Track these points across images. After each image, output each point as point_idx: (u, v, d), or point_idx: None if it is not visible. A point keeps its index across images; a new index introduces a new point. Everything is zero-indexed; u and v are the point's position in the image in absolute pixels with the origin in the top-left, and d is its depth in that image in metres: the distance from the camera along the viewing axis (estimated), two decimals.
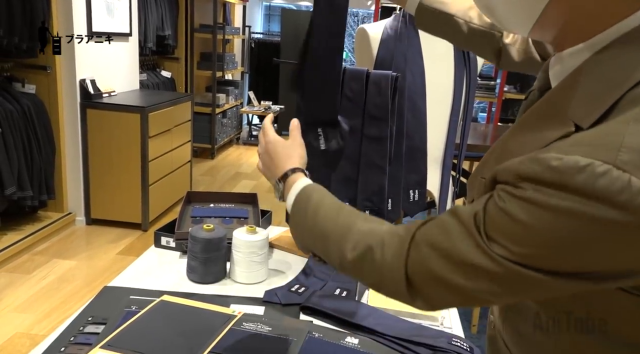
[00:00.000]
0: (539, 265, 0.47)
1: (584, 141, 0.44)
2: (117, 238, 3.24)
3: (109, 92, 3.45)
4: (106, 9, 3.42)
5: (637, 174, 0.41)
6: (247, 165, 5.34)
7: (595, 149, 0.42)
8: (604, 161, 0.41)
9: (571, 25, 0.51)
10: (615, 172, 0.41)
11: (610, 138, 0.43)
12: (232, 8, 6.29)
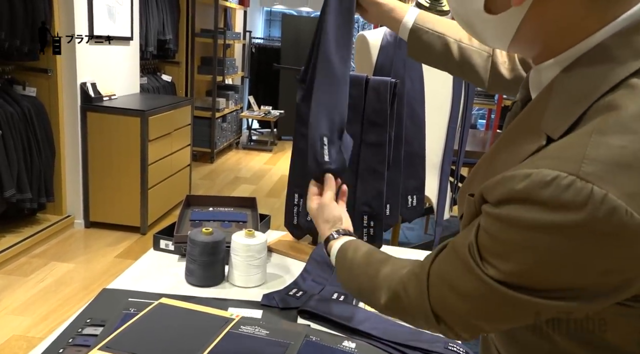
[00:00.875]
0: (527, 284, 0.48)
1: (552, 153, 0.46)
2: (116, 241, 3.24)
3: (110, 96, 3.46)
4: (107, 13, 3.44)
5: (599, 184, 0.42)
6: (247, 169, 5.34)
7: (560, 162, 0.44)
8: (568, 172, 0.43)
9: (545, 41, 0.53)
10: (579, 183, 0.43)
11: (574, 150, 0.45)
12: (233, 13, 6.32)
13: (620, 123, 0.44)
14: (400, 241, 3.56)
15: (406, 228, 3.74)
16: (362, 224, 1.28)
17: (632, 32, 0.47)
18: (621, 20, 0.48)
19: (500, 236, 0.48)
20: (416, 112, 1.47)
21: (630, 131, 0.43)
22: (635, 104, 0.44)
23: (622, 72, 0.46)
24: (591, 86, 0.47)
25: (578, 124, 0.47)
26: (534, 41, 0.54)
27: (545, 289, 0.48)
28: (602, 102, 0.46)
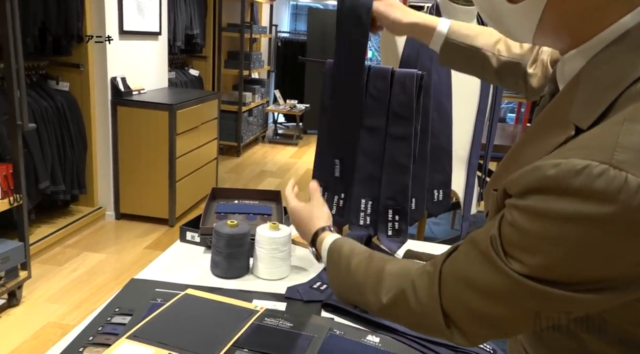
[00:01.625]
0: (556, 277, 0.46)
1: (582, 143, 0.45)
2: (145, 233, 3.31)
3: (139, 90, 3.52)
4: (137, 9, 3.49)
5: (633, 172, 0.41)
6: (272, 163, 5.38)
7: (591, 151, 0.43)
8: (600, 161, 0.42)
9: (569, 29, 0.52)
10: (612, 171, 0.41)
11: (605, 139, 0.43)
12: (260, 7, 6.34)
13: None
14: (426, 236, 3.52)
15: (432, 223, 3.70)
16: (387, 218, 1.27)
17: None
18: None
19: (526, 228, 0.47)
20: (443, 105, 1.44)
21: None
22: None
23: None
24: (620, 74, 0.46)
25: (608, 113, 0.45)
26: (558, 30, 0.53)
27: (576, 282, 0.46)
28: (633, 90, 0.44)
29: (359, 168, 1.32)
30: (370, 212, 1.33)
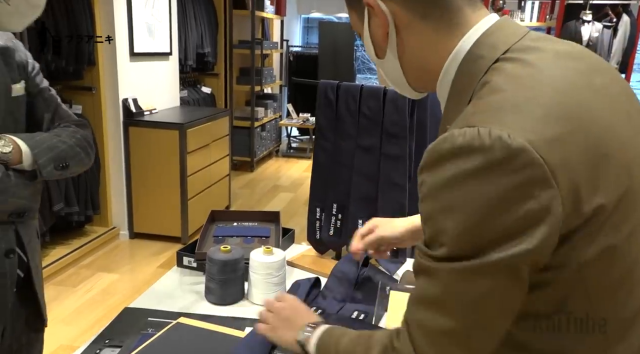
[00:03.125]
0: (469, 249, 0.52)
1: (450, 127, 0.55)
2: (159, 251, 3.34)
3: (150, 110, 3.58)
4: (147, 30, 3.56)
5: (483, 125, 0.51)
6: (286, 177, 5.38)
7: (454, 126, 0.54)
8: (459, 127, 0.53)
9: (428, 76, 0.65)
10: (468, 130, 0.52)
11: (463, 115, 0.55)
12: (271, 23, 6.41)
13: (491, 89, 0.55)
14: None
15: None
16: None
17: (485, 37, 0.61)
18: (471, 32, 0.62)
19: (425, 211, 0.55)
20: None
21: (498, 90, 0.55)
22: (499, 76, 0.56)
23: (486, 62, 0.59)
24: (470, 79, 0.59)
25: None
26: (419, 72, 0.66)
27: (490, 242, 0.51)
28: (478, 85, 0.58)
29: (355, 188, 1.31)
30: None
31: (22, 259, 1.10)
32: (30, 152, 1.04)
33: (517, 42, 0.60)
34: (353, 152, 1.29)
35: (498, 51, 0.59)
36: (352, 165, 1.30)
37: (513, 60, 0.58)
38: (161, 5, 3.70)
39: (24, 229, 1.10)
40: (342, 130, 1.28)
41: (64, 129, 1.14)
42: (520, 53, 0.59)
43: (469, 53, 0.61)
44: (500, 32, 0.62)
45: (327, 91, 1.27)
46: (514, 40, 0.60)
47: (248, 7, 5.27)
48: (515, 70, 0.56)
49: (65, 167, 1.11)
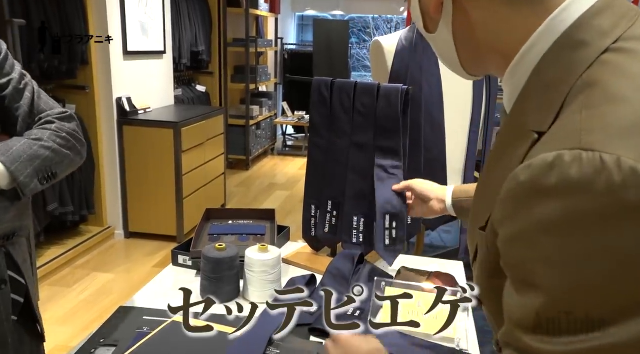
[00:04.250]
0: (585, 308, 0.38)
1: (547, 140, 0.43)
2: (154, 251, 3.33)
3: (145, 109, 3.56)
4: (141, 29, 3.54)
5: (606, 150, 0.38)
6: (282, 175, 5.38)
7: (558, 143, 0.41)
8: (569, 148, 0.39)
9: (493, 57, 0.53)
10: (584, 154, 0.38)
11: (568, 128, 0.42)
12: (265, 21, 6.39)
13: (606, 95, 0.42)
14: (435, 245, 3.48)
15: (443, 231, 3.65)
16: (384, 226, 1.24)
17: (590, 17, 0.47)
18: (566, 5, 0.48)
19: (526, 258, 0.41)
20: (435, 117, 1.42)
21: (620, 98, 0.41)
22: (614, 76, 0.43)
23: (592, 53, 0.45)
24: (565, 72, 0.46)
25: (562, 110, 0.44)
26: (480, 51, 0.54)
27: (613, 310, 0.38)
28: (579, 83, 0.44)
29: (350, 185, 1.31)
30: (362, 229, 1.31)
31: (19, 283, 0.98)
32: (5, 170, 0.88)
33: (631, 27, 0.46)
34: (347, 149, 1.29)
35: (608, 39, 0.45)
36: (346, 162, 1.30)
37: (628, 52, 0.44)
38: (155, 3, 3.68)
39: (17, 249, 0.98)
40: (337, 127, 1.28)
41: (45, 129, 0.97)
42: (636, 42, 0.45)
43: (564, 36, 0.47)
44: (611, 11, 0.47)
45: (321, 88, 1.27)
46: (627, 24, 0.46)
47: (242, 5, 5.25)
48: (635, 68, 0.43)
49: (52, 177, 0.97)
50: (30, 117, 0.99)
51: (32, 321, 1.05)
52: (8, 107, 0.97)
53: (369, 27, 11.00)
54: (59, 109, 1.04)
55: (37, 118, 0.99)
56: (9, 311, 0.96)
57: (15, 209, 0.95)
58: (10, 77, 0.97)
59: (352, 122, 1.26)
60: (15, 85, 0.97)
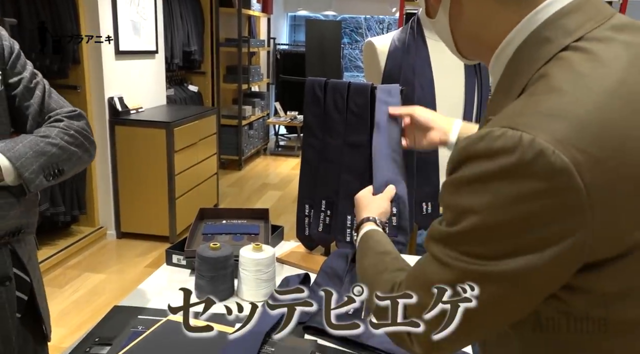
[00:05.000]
0: (486, 251, 0.48)
1: (494, 119, 0.50)
2: (146, 251, 3.31)
3: (137, 109, 3.55)
4: (132, 29, 3.53)
5: (528, 131, 0.45)
6: (274, 175, 5.38)
7: (497, 121, 0.48)
8: (501, 126, 0.47)
9: (478, 39, 0.59)
10: (509, 132, 0.46)
11: (508, 111, 0.49)
12: (257, 21, 6.39)
13: (549, 86, 0.48)
14: None
15: None
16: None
17: (559, 17, 0.52)
18: (544, 6, 0.53)
19: (445, 202, 0.52)
20: None
21: (560, 90, 0.47)
22: (561, 70, 0.49)
23: (552, 49, 0.51)
24: (528, 65, 0.52)
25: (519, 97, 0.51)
26: (471, 40, 0.61)
27: (503, 251, 0.48)
28: (536, 75, 0.50)
29: (344, 185, 1.32)
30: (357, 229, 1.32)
31: (23, 281, 0.99)
32: (11, 166, 0.89)
33: (596, 29, 0.50)
34: (341, 149, 1.30)
35: (570, 37, 0.50)
36: (340, 162, 1.31)
37: (584, 51, 0.49)
38: (146, 3, 3.67)
39: (22, 246, 0.99)
40: (330, 127, 1.29)
41: (53, 127, 0.98)
42: (596, 43, 0.49)
43: (534, 33, 0.53)
44: (580, 12, 0.52)
45: (314, 87, 1.28)
46: (592, 26, 0.51)
47: (234, 5, 5.25)
48: (583, 66, 0.48)
49: (59, 174, 0.97)
50: (40, 115, 1.00)
51: (37, 319, 1.06)
52: (19, 105, 0.99)
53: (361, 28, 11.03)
54: (69, 107, 1.04)
55: (47, 117, 1.00)
56: (13, 308, 0.97)
57: (22, 205, 0.95)
58: (21, 76, 0.99)
59: (345, 122, 1.27)
60: (26, 84, 0.99)
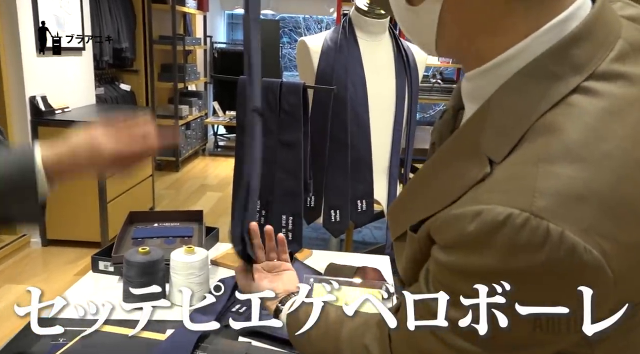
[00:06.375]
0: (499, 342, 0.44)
1: (501, 186, 0.43)
2: (76, 258, 3.14)
3: (63, 109, 3.35)
4: (56, 24, 3.33)
5: (555, 221, 0.40)
6: (213, 176, 5.28)
7: (510, 196, 0.42)
8: (521, 208, 0.40)
9: (471, 40, 0.50)
10: (533, 221, 0.40)
11: (523, 182, 0.42)
12: (193, 18, 6.23)
13: (565, 150, 0.42)
14: (367, 241, 3.57)
15: (374, 227, 3.75)
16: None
17: (568, 45, 0.44)
18: (551, 26, 0.45)
19: (454, 287, 0.45)
20: (361, 116, 1.46)
21: (578, 158, 0.41)
22: (576, 126, 0.42)
23: (561, 90, 0.44)
24: (530, 104, 0.44)
25: (519, 144, 0.44)
26: (460, 41, 0.51)
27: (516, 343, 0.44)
28: (541, 122, 0.43)
29: (279, 184, 1.31)
30: (292, 227, 1.32)
31: None
32: None
33: (605, 59, 0.45)
34: (275, 148, 1.29)
35: (580, 75, 0.44)
36: (274, 161, 1.30)
37: (595, 95, 0.43)
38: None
39: None
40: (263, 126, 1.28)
41: None
42: (606, 84, 0.44)
43: (539, 61, 0.45)
44: (592, 38, 0.45)
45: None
46: (602, 57, 0.45)
47: (168, 2, 5.09)
48: (599, 122, 0.43)
49: None
50: None
51: None
52: None
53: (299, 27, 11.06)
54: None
55: None
56: None
57: None
58: None
59: (278, 121, 1.26)
60: None
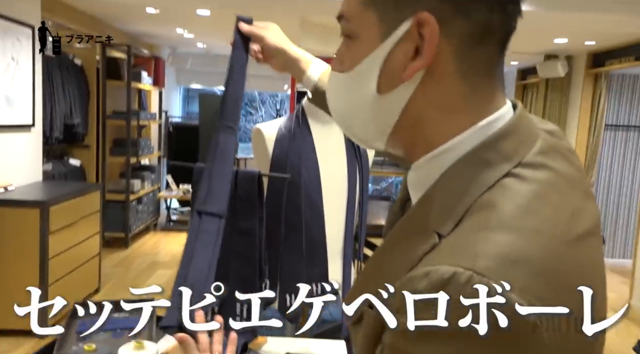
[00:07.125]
0: None
1: (446, 250, 0.48)
2: (11, 349, 2.88)
3: (5, 187, 3.23)
4: (5, 101, 3.29)
5: (494, 279, 0.45)
6: (165, 253, 5.11)
7: (456, 258, 0.46)
8: (465, 267, 0.45)
9: (425, 130, 0.56)
10: (476, 278, 0.45)
11: (466, 246, 0.47)
12: (148, 94, 6.30)
13: (501, 221, 0.48)
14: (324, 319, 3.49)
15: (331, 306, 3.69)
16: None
17: (499, 139, 0.53)
18: (486, 123, 0.53)
19: (409, 351, 0.47)
20: (314, 200, 1.50)
21: (512, 229, 0.48)
22: (510, 203, 0.50)
23: (495, 174, 0.51)
24: (471, 186, 0.51)
25: (463, 219, 0.50)
26: (415, 126, 0.56)
27: None
28: (480, 201, 0.50)
29: (234, 271, 1.30)
30: (246, 316, 1.29)
31: None
32: None
33: (528, 154, 0.53)
34: (230, 235, 1.29)
35: (509, 163, 0.52)
36: (228, 247, 1.30)
37: (524, 180, 0.51)
38: (24, 72, 3.46)
39: None
40: None
41: None
42: (532, 171, 0.52)
43: (476, 151, 0.53)
44: (515, 135, 0.54)
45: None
46: (526, 151, 0.53)
47: (123, 78, 5.15)
48: (529, 201, 0.50)
49: None
50: None
51: None
52: None
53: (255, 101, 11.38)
54: None
55: None
56: None
57: None
58: None
59: (235, 208, 1.28)
60: None
